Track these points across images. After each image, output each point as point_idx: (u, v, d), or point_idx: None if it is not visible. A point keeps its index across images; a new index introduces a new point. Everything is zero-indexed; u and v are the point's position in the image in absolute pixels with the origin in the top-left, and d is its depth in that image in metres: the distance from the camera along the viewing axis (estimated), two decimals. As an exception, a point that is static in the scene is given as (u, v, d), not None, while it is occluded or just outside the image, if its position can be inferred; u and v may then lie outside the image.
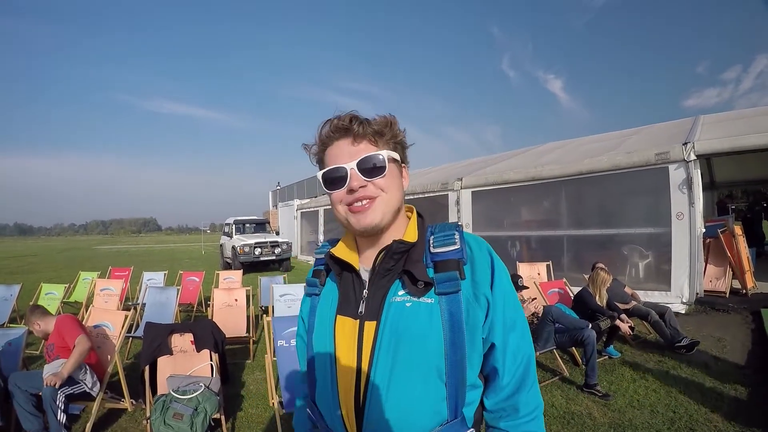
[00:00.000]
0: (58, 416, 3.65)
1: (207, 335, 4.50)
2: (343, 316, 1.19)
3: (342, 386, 1.15)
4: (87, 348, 4.01)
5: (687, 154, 7.48)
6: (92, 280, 9.00)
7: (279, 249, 17.33)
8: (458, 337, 1.07)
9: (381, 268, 1.16)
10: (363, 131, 1.14)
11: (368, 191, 1.13)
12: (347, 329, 1.16)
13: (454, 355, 1.07)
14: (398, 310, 1.11)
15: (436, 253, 1.15)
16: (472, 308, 1.10)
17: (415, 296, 1.11)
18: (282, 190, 44.77)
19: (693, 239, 7.52)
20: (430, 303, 1.10)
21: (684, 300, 7.62)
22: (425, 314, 1.09)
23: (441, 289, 1.09)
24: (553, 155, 11.67)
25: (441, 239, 1.17)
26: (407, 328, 1.09)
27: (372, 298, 1.15)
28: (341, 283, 1.23)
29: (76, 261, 27.07)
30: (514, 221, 11.24)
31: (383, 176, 1.14)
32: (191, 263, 23.11)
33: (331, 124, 1.16)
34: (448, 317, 1.08)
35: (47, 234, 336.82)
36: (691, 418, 4.05)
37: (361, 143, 1.15)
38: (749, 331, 6.35)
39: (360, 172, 1.12)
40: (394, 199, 1.17)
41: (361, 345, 1.13)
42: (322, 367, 1.21)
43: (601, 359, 5.53)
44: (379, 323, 1.12)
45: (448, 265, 1.12)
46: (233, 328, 6.47)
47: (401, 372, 1.08)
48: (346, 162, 1.13)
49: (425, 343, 1.08)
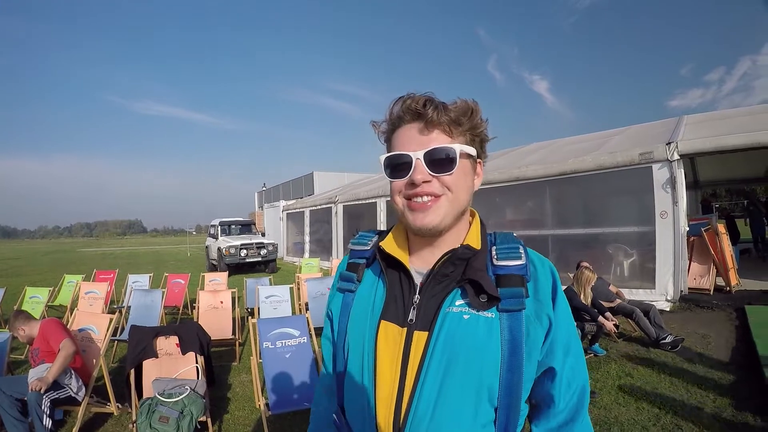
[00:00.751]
0: (44, 421, 3.62)
1: (192, 338, 4.47)
2: (387, 321, 1.07)
3: (381, 399, 1.03)
4: (72, 352, 3.97)
5: (670, 153, 7.56)
6: (77, 283, 8.91)
7: (265, 250, 17.26)
8: (516, 359, 0.98)
9: (439, 273, 1.05)
10: (437, 118, 1.01)
11: (432, 187, 1.02)
12: (392, 337, 1.05)
13: (510, 378, 0.98)
14: (455, 322, 1.00)
15: (500, 266, 1.05)
16: (533, 328, 1.00)
17: (474, 309, 1.00)
18: (268, 191, 44.72)
19: (677, 237, 7.61)
20: (490, 318, 0.99)
21: (668, 298, 7.70)
22: (484, 330, 0.99)
23: (505, 306, 0.99)
24: (537, 155, 11.75)
25: (505, 251, 1.07)
26: (463, 343, 0.98)
27: (425, 305, 1.04)
28: (389, 284, 1.11)
29: (60, 264, 26.79)
30: (498, 221, 11.25)
31: (452, 173, 1.02)
32: (177, 265, 22.96)
33: (403, 104, 1.04)
34: (509, 336, 0.98)
35: (31, 236, 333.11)
36: (676, 414, 4.08)
37: (434, 131, 1.02)
38: (733, 327, 6.44)
39: (426, 165, 1.00)
40: (460, 200, 1.06)
41: (407, 356, 1.02)
42: (358, 375, 1.10)
43: (587, 357, 5.56)
44: (431, 334, 1.00)
45: (511, 281, 1.02)
46: (219, 330, 6.43)
47: (451, 390, 0.98)
48: (413, 150, 1.01)
49: (481, 361, 0.98)
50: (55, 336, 4.05)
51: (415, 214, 1.02)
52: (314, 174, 37.72)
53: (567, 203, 9.76)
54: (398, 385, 1.01)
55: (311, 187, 36.26)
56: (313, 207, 19.99)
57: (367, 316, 1.10)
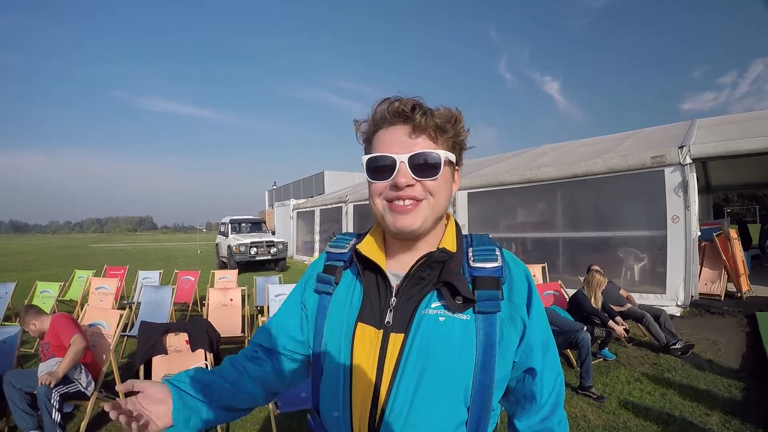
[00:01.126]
0: (53, 415, 3.64)
1: (202, 335, 4.49)
2: (364, 324, 1.07)
3: (356, 401, 1.05)
4: (82, 347, 3.99)
5: (683, 157, 7.51)
6: (87, 279, 8.95)
7: (275, 249, 17.30)
8: (490, 360, 1.00)
9: (415, 276, 1.06)
10: (425, 123, 1.02)
11: (415, 191, 1.02)
12: (368, 339, 1.05)
13: (483, 378, 1.00)
14: (430, 324, 1.02)
15: (476, 268, 1.07)
16: (507, 330, 1.03)
17: (450, 311, 1.02)
18: (278, 190, 44.83)
19: (688, 242, 7.55)
20: (465, 320, 1.01)
21: (679, 303, 7.64)
22: (459, 332, 1.01)
23: (481, 308, 1.02)
24: (549, 157, 11.69)
25: (481, 253, 1.10)
26: (439, 346, 1.00)
27: (401, 308, 1.05)
28: (366, 286, 1.12)
29: (71, 259, 26.97)
30: (509, 223, 11.24)
31: (435, 178, 1.03)
32: (187, 262, 23.05)
33: (390, 106, 1.04)
34: (483, 338, 1.00)
35: (42, 231, 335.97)
36: (685, 420, 4.05)
37: (420, 137, 1.03)
38: (744, 334, 6.38)
39: (410, 168, 1.01)
40: (440, 205, 1.07)
41: (383, 358, 1.02)
42: (333, 377, 1.10)
43: (596, 361, 5.54)
44: (407, 336, 1.02)
45: (487, 283, 1.04)
46: (228, 327, 6.44)
47: (427, 391, 0.99)
48: (398, 153, 1.01)
49: (457, 363, 1.00)
50: (66, 331, 4.07)
51: (396, 216, 1.03)
52: (325, 173, 37.78)
53: (578, 206, 9.71)
54: (374, 386, 1.02)
55: (322, 187, 36.32)
56: (324, 206, 20.02)
57: (343, 318, 1.11)
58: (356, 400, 1.05)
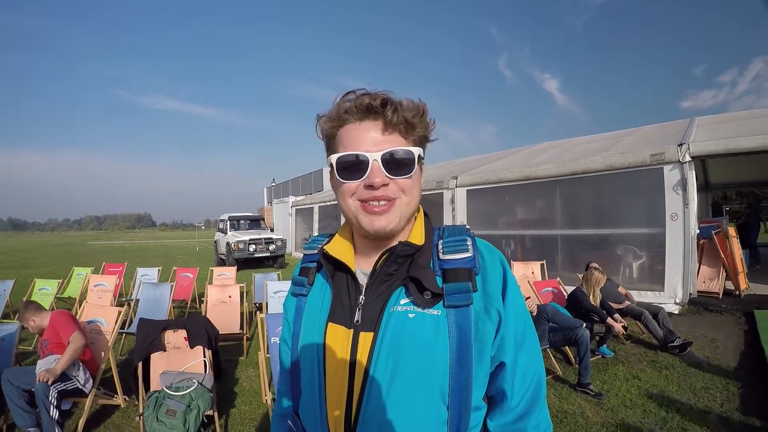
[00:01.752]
0: (51, 412, 3.64)
1: (200, 332, 4.49)
2: (335, 323, 1.04)
3: (331, 403, 1.02)
4: (81, 345, 3.99)
5: (682, 155, 7.51)
6: (86, 276, 8.94)
7: (273, 245, 17.29)
8: (466, 355, 0.96)
9: (382, 273, 1.03)
10: (396, 119, 0.98)
11: (389, 191, 0.99)
12: (339, 339, 1.03)
13: (459, 375, 0.96)
14: (399, 321, 0.98)
15: (446, 260, 1.02)
16: (482, 323, 0.98)
17: (419, 307, 0.98)
18: (277, 187, 44.76)
19: (687, 240, 7.55)
20: (436, 315, 0.97)
21: (677, 300, 7.65)
22: (431, 328, 0.97)
23: (451, 302, 0.97)
24: (548, 155, 11.70)
25: (452, 244, 1.04)
26: (409, 343, 0.96)
27: (369, 305, 1.02)
28: (334, 286, 1.09)
29: (70, 256, 27.00)
30: (508, 220, 11.24)
31: (410, 176, 1.00)
32: (185, 259, 23.08)
33: (357, 100, 0.99)
34: (456, 332, 0.96)
35: (41, 229, 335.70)
36: (683, 417, 4.06)
37: (392, 133, 0.99)
38: (742, 332, 6.38)
39: (384, 167, 0.97)
40: (413, 203, 1.04)
41: (354, 358, 0.99)
42: (309, 379, 1.08)
43: (595, 358, 5.55)
44: (377, 335, 0.98)
45: (458, 275, 0.99)
46: (227, 324, 6.44)
47: (400, 391, 0.96)
48: (370, 151, 0.97)
49: (430, 360, 0.96)
50: (65, 328, 4.07)
51: (371, 218, 0.99)
52: (323, 170, 37.70)
53: (577, 203, 9.70)
54: (347, 387, 1.00)
55: (320, 184, 36.25)
56: (322, 203, 20.03)
57: (317, 319, 1.09)
58: (331, 401, 1.02)
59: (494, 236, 11.01)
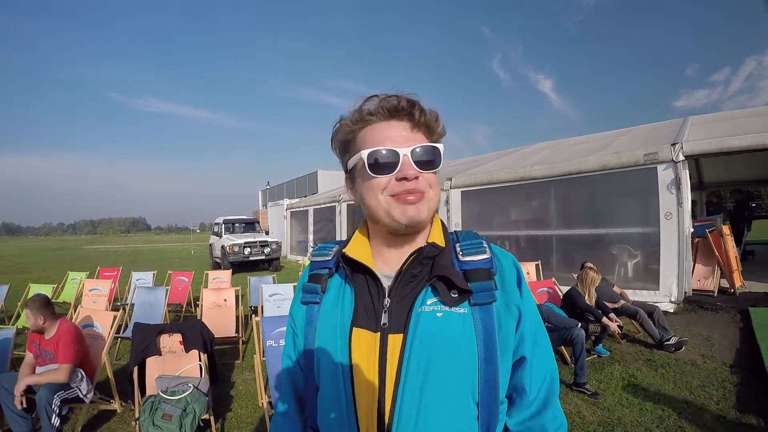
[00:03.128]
0: (52, 420, 3.61)
1: (196, 335, 4.48)
2: (359, 328, 1.03)
3: (362, 409, 1.00)
4: (62, 379, 3.85)
5: (675, 154, 7.54)
6: (81, 281, 8.92)
7: (268, 248, 17.25)
8: (492, 352, 0.98)
9: (407, 274, 1.03)
10: (422, 120, 1.03)
11: (419, 184, 1.00)
12: (365, 344, 1.01)
13: (487, 371, 0.98)
14: (429, 321, 0.99)
15: (466, 261, 1.05)
16: (505, 319, 1.02)
17: (447, 306, 1.00)
18: (272, 190, 44.76)
19: (681, 239, 7.57)
20: (463, 313, 0.99)
21: (672, 299, 7.68)
22: (458, 326, 0.99)
23: (477, 299, 1.00)
24: (542, 155, 11.72)
25: (470, 247, 1.08)
26: (439, 342, 0.98)
27: (396, 307, 1.02)
28: (356, 290, 1.08)
29: (64, 261, 26.83)
30: (503, 221, 11.26)
31: (435, 171, 1.04)
32: (180, 263, 22.98)
33: (384, 102, 1.02)
34: (483, 330, 0.99)
35: (36, 234, 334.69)
36: (680, 416, 4.07)
37: (419, 132, 1.03)
38: (737, 329, 6.40)
39: (414, 161, 0.99)
40: (437, 199, 1.07)
41: (384, 361, 0.99)
42: (332, 388, 1.05)
43: (590, 358, 5.55)
44: (407, 336, 0.99)
45: (479, 275, 1.02)
46: (222, 328, 6.43)
47: (433, 390, 0.96)
48: (400, 146, 0.99)
49: (460, 357, 0.98)
50: (66, 352, 3.93)
51: (404, 207, 1.00)
52: (318, 173, 37.75)
53: (571, 203, 9.73)
54: (378, 391, 0.98)
55: (315, 186, 36.30)
56: (317, 206, 19.98)
57: (336, 325, 1.07)
58: (361, 409, 1.00)
59: (489, 237, 10.81)
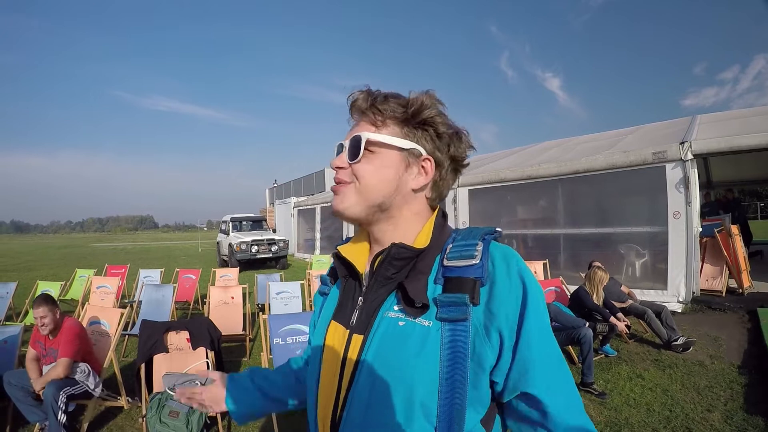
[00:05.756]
0: (59, 416, 3.63)
1: (203, 333, 4.48)
2: (336, 322, 1.04)
3: (321, 399, 1.01)
4: (61, 373, 3.86)
5: (684, 153, 7.49)
6: (88, 278, 8.95)
7: (276, 246, 17.30)
8: (458, 375, 0.85)
9: (380, 276, 0.97)
10: (364, 107, 1.00)
11: (341, 175, 1.00)
12: (337, 338, 1.01)
13: (451, 397, 0.86)
14: (390, 327, 0.92)
15: (450, 267, 0.91)
16: (480, 344, 0.87)
17: (410, 316, 0.90)
18: (279, 188, 44.73)
19: (690, 238, 7.53)
20: (427, 326, 0.89)
21: (680, 299, 7.63)
22: (418, 339, 0.88)
23: (443, 315, 0.88)
24: (549, 154, 11.68)
25: (458, 249, 0.93)
26: (395, 351, 0.90)
27: (365, 308, 0.98)
28: (345, 286, 1.07)
29: (72, 258, 26.99)
30: (511, 219, 11.22)
31: (357, 161, 0.97)
32: (188, 261, 23.06)
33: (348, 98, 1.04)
34: (449, 348, 0.86)
35: (44, 231, 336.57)
36: (687, 417, 4.05)
37: (361, 121, 1.02)
38: (745, 330, 6.36)
39: (347, 153, 1.00)
40: (371, 191, 0.97)
41: (345, 360, 0.97)
42: (311, 373, 1.09)
43: (598, 358, 5.53)
44: (366, 339, 0.94)
45: (461, 285, 0.88)
46: (229, 325, 6.45)
47: (380, 398, 0.90)
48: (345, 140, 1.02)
49: (411, 373, 0.87)
50: (66, 347, 3.96)
51: (333, 200, 1.03)
52: (325, 171, 37.68)
53: (579, 202, 9.69)
54: (336, 386, 0.98)
55: (323, 184, 36.24)
56: (324, 204, 19.99)
57: (326, 316, 1.09)
58: (321, 398, 1.01)
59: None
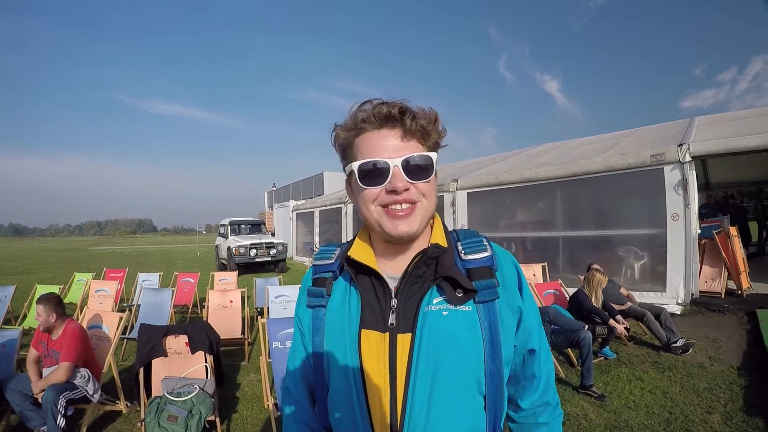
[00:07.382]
0: (58, 420, 3.62)
1: (202, 337, 4.48)
2: (368, 329, 1.05)
3: (374, 408, 1.03)
4: (62, 377, 3.87)
5: (682, 155, 7.50)
6: (87, 282, 8.91)
7: (274, 250, 17.26)
8: (497, 347, 1.03)
9: (413, 275, 1.05)
10: (414, 127, 1.02)
11: (411, 195, 1.02)
12: (374, 345, 1.04)
13: (493, 366, 1.03)
14: (435, 319, 1.02)
15: (469, 260, 1.08)
16: (506, 316, 1.07)
17: (452, 304, 1.03)
18: (277, 191, 44.75)
19: (688, 240, 7.54)
20: (468, 311, 1.03)
21: (679, 301, 7.63)
22: (464, 323, 1.03)
23: (481, 297, 1.04)
24: (548, 156, 11.69)
25: (471, 246, 1.11)
26: (447, 339, 1.01)
27: (403, 308, 1.04)
28: (362, 292, 1.09)
29: (71, 262, 26.92)
30: (509, 222, 11.23)
31: (428, 181, 1.04)
32: (186, 264, 23.03)
33: (375, 109, 1.02)
34: (488, 326, 1.03)
35: (42, 234, 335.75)
36: (687, 419, 4.05)
37: (410, 140, 1.03)
38: (744, 331, 6.37)
39: (404, 172, 1.00)
40: (432, 206, 1.08)
41: (394, 361, 1.02)
42: (344, 389, 1.07)
43: (597, 360, 5.53)
44: (415, 335, 1.02)
45: (482, 273, 1.06)
46: (228, 329, 6.44)
47: (442, 386, 1.01)
48: (390, 157, 1.00)
49: (467, 354, 1.02)
50: (68, 351, 3.96)
51: (395, 222, 1.02)
52: (324, 174, 37.69)
53: (578, 205, 9.69)
54: (389, 390, 1.02)
55: (321, 187, 36.24)
56: (323, 207, 20.01)
57: (344, 328, 1.09)
58: (374, 407, 1.03)
59: (495, 239, 10.93)
